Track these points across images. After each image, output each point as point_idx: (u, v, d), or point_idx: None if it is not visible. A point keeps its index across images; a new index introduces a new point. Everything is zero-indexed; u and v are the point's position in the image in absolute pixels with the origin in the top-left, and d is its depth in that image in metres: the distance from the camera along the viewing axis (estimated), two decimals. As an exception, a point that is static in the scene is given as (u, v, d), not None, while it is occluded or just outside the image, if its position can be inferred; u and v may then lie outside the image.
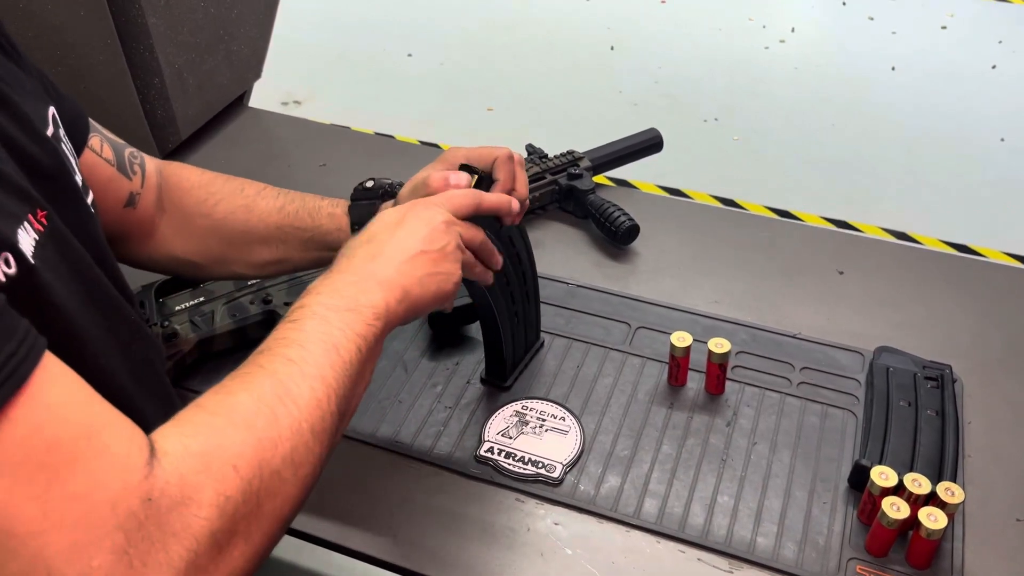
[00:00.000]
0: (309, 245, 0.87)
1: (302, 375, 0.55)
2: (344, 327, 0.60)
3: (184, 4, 1.25)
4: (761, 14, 3.55)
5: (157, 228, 0.87)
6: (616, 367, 0.98)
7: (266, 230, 0.87)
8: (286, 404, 0.53)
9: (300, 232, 0.87)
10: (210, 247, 0.88)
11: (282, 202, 0.88)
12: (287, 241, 0.87)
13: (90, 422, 0.45)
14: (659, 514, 0.83)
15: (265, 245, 0.88)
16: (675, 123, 2.83)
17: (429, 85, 3.11)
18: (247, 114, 1.47)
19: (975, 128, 2.86)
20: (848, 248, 1.16)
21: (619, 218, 1.14)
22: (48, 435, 0.42)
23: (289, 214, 0.87)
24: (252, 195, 0.88)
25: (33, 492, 0.41)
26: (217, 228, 0.87)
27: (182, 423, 0.50)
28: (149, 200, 0.85)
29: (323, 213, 0.88)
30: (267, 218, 0.87)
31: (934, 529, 0.74)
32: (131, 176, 0.83)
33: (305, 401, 0.54)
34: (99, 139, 0.80)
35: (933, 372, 0.93)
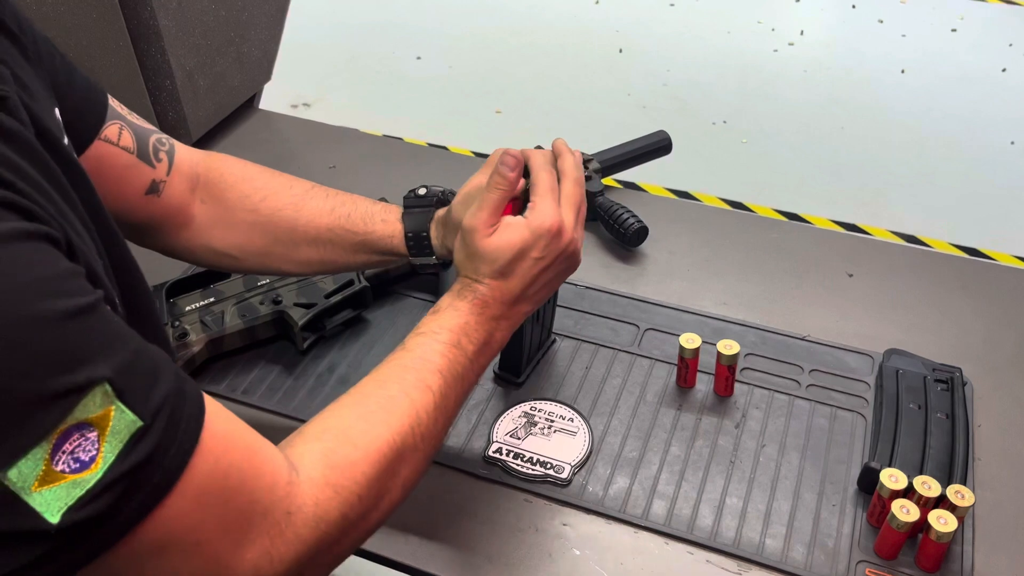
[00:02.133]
0: (359, 248, 0.86)
1: (435, 406, 0.66)
2: (474, 361, 0.71)
3: (195, 7, 1.26)
4: (770, 17, 3.54)
5: (192, 218, 0.84)
6: (625, 368, 0.98)
7: (315, 231, 0.85)
8: (415, 435, 0.63)
9: (351, 235, 0.85)
10: (253, 242, 0.86)
11: (333, 204, 0.86)
12: (336, 243, 0.85)
13: (247, 445, 0.53)
14: (667, 515, 0.83)
15: (312, 245, 0.86)
16: (684, 126, 2.83)
17: (438, 88, 3.12)
18: (257, 116, 1.48)
19: (985, 131, 2.85)
20: (858, 250, 1.16)
21: (628, 220, 1.14)
22: (224, 463, 0.50)
23: (340, 216, 0.85)
24: (300, 193, 0.86)
25: (215, 512, 0.50)
26: (262, 224, 0.85)
27: (325, 449, 0.59)
28: (179, 189, 0.83)
29: (376, 219, 0.86)
30: (317, 219, 0.85)
31: (944, 532, 0.74)
32: (155, 164, 0.80)
33: (428, 431, 0.64)
34: (118, 127, 0.77)
35: (943, 375, 0.93)
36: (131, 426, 0.44)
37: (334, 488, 0.57)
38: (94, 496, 0.43)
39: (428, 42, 3.38)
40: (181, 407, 0.48)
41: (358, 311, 1.04)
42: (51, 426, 0.41)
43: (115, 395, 0.44)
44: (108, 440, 0.43)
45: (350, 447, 0.59)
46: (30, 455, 0.41)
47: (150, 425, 0.45)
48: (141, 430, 0.44)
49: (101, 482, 0.43)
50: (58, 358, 0.42)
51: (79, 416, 0.42)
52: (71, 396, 0.42)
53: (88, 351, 0.43)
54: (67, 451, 0.42)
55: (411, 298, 1.08)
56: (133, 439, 0.44)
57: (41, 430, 0.41)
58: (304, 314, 0.99)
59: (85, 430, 0.42)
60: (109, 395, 0.43)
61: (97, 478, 0.43)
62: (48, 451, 0.41)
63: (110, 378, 0.43)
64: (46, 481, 0.41)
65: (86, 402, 0.42)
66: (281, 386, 0.97)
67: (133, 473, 0.44)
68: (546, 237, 0.72)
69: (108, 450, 0.43)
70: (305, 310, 0.99)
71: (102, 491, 0.43)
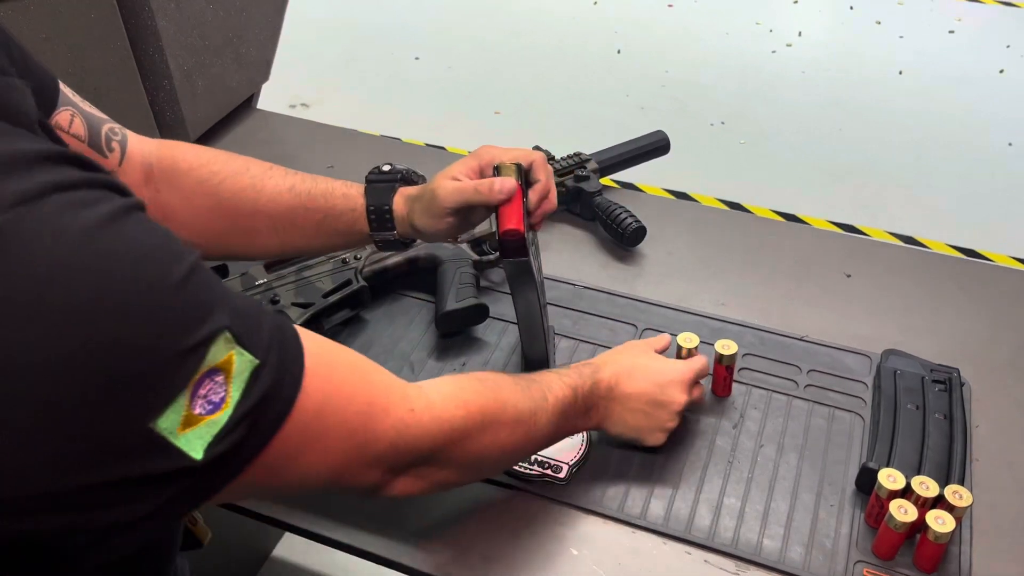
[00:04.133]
0: (320, 228, 0.85)
1: (538, 409, 0.74)
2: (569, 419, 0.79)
3: (194, 7, 1.26)
4: (768, 18, 3.55)
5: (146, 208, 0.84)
6: (623, 369, 0.98)
7: (276, 210, 0.84)
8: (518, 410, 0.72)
9: (312, 213, 0.84)
10: (212, 227, 0.84)
11: (292, 182, 0.85)
12: (297, 223, 0.85)
13: (349, 361, 0.60)
14: (665, 515, 0.83)
15: (273, 226, 0.85)
16: (682, 126, 2.83)
17: (436, 88, 3.12)
18: (255, 116, 1.47)
19: (983, 132, 2.86)
20: (856, 251, 1.16)
21: (626, 220, 1.14)
22: (334, 378, 0.56)
23: (300, 194, 0.84)
24: (259, 174, 0.85)
25: (336, 419, 0.56)
26: (221, 208, 0.83)
27: (452, 381, 0.69)
28: (131, 179, 0.80)
29: (337, 195, 0.85)
30: (277, 198, 0.84)
31: (942, 532, 0.74)
32: (107, 153, 0.79)
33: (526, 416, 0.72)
34: (69, 114, 0.75)
35: (941, 375, 0.93)
36: (250, 365, 0.48)
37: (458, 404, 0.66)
38: (228, 431, 0.47)
39: (426, 43, 3.38)
40: (285, 340, 0.52)
41: (356, 311, 1.04)
42: (188, 376, 0.45)
43: (235, 339, 0.48)
44: (234, 380, 0.48)
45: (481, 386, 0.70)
46: (174, 404, 0.45)
47: (264, 361, 0.49)
48: (258, 368, 0.49)
49: (232, 418, 0.47)
50: (186, 315, 0.46)
51: (209, 363, 0.46)
52: (200, 348, 0.46)
53: (208, 305, 0.47)
54: (202, 395, 0.46)
55: (409, 298, 1.08)
56: (253, 376, 0.49)
57: (181, 382, 0.45)
58: (302, 314, 0.99)
59: (215, 375, 0.47)
60: (230, 340, 0.47)
61: (228, 415, 0.47)
62: (188, 398, 0.45)
63: (229, 326, 0.47)
64: (188, 424, 0.45)
65: (214, 350, 0.46)
66: (279, 386, 0.97)
67: (257, 406, 0.49)
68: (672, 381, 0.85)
69: (234, 390, 0.48)
70: (303, 310, 0.99)
71: (234, 426, 0.47)
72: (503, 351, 1.00)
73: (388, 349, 1.01)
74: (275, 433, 0.51)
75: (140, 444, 0.44)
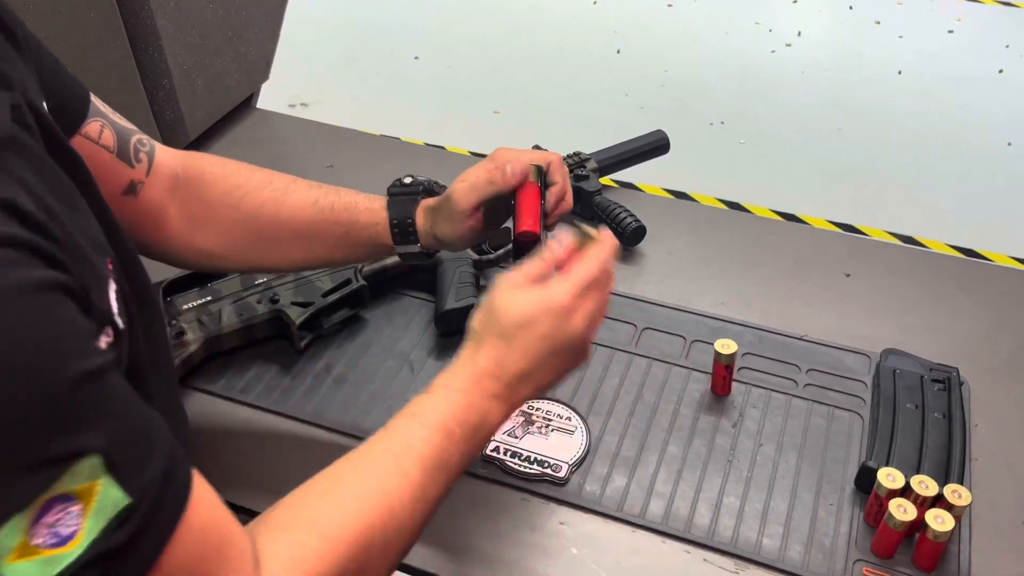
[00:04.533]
0: (343, 241, 0.85)
1: (411, 497, 0.60)
2: (461, 443, 0.64)
3: (193, 6, 1.26)
4: (768, 18, 3.55)
5: (169, 220, 0.84)
6: (622, 368, 0.98)
7: (299, 223, 0.84)
8: (386, 529, 0.58)
9: (335, 227, 0.84)
10: (236, 239, 0.85)
11: (315, 195, 0.85)
12: (320, 236, 0.85)
13: (220, 538, 0.50)
14: (665, 514, 0.83)
15: (296, 238, 0.85)
16: (681, 126, 2.83)
17: (436, 88, 3.12)
18: (255, 115, 1.47)
19: (982, 132, 2.86)
20: (855, 251, 1.16)
21: (625, 219, 1.14)
22: (195, 554, 0.47)
23: (323, 208, 0.84)
24: (282, 187, 0.85)
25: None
26: (245, 221, 0.84)
27: (292, 541, 0.55)
28: (157, 189, 0.82)
29: (360, 208, 0.85)
30: (300, 211, 0.84)
31: (941, 531, 0.74)
32: (134, 164, 0.80)
33: (404, 523, 0.59)
34: (99, 124, 0.77)
35: (940, 375, 0.93)
36: (117, 504, 0.42)
37: None
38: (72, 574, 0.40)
39: (426, 42, 3.38)
40: (167, 489, 0.45)
41: (355, 310, 1.04)
42: (35, 494, 0.39)
43: (106, 468, 0.41)
44: (92, 516, 0.41)
45: (316, 538, 0.55)
46: (11, 523, 0.38)
47: (137, 505, 0.43)
48: (128, 509, 0.42)
49: (79, 561, 0.40)
50: (56, 422, 0.40)
51: (65, 487, 0.40)
52: (59, 465, 0.40)
53: (86, 419, 0.41)
54: (47, 523, 0.39)
55: (408, 297, 1.08)
56: (118, 518, 0.42)
57: (25, 497, 0.39)
58: (301, 313, 0.99)
59: (68, 503, 0.40)
60: (99, 468, 0.41)
61: (75, 556, 0.40)
62: (29, 521, 0.39)
63: (103, 450, 0.41)
64: (24, 554, 0.39)
65: (74, 472, 0.40)
66: (278, 385, 0.97)
67: (111, 556, 0.41)
68: (554, 316, 0.67)
69: (90, 527, 0.40)
70: (302, 309, 0.99)
71: (80, 570, 0.40)
72: (503, 350, 1.00)
73: (387, 348, 1.01)
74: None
75: None
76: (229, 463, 0.89)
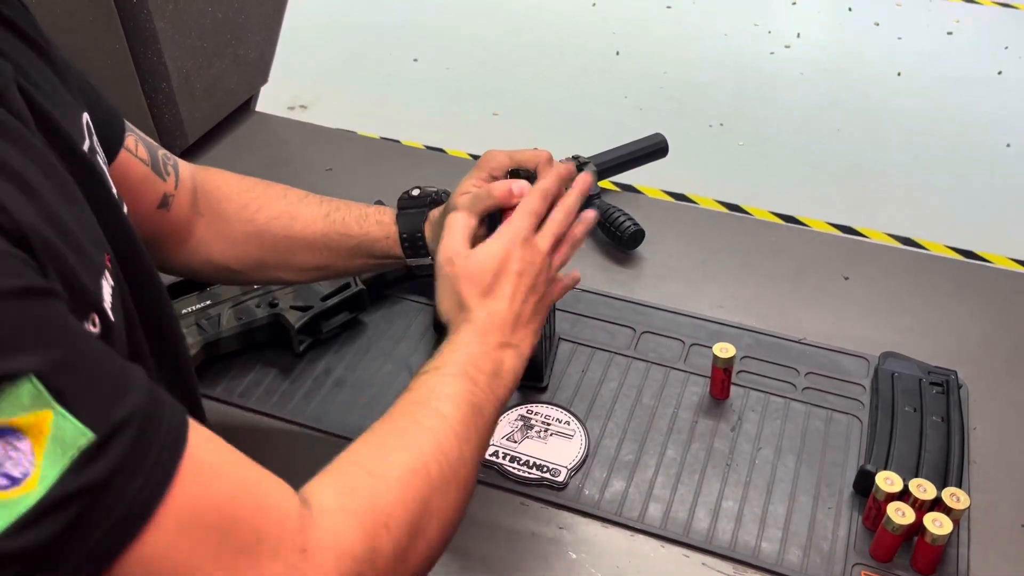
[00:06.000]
0: (355, 253, 0.86)
1: (454, 434, 0.60)
2: (488, 392, 0.65)
3: (192, 8, 1.26)
4: (767, 19, 3.55)
5: (193, 233, 0.85)
6: (621, 371, 0.98)
7: (311, 237, 0.85)
8: (439, 463, 0.58)
9: (347, 239, 0.86)
10: (250, 253, 0.86)
11: (327, 209, 0.86)
12: (332, 248, 0.86)
13: (243, 477, 0.48)
14: (663, 518, 0.83)
15: (309, 252, 0.86)
16: (681, 128, 2.83)
17: (435, 90, 3.12)
18: (254, 118, 1.47)
19: (981, 134, 2.86)
20: (854, 253, 1.16)
21: (624, 223, 1.14)
22: (213, 496, 0.45)
23: (335, 221, 0.86)
24: (295, 201, 0.87)
25: (208, 550, 0.43)
26: (259, 234, 0.85)
27: (339, 480, 0.54)
28: (183, 203, 0.83)
29: (371, 221, 0.86)
30: (312, 225, 0.85)
31: (939, 535, 0.74)
32: (165, 177, 0.81)
33: (454, 459, 0.59)
34: (134, 138, 0.78)
35: (939, 378, 0.93)
36: (77, 439, 0.38)
37: (355, 516, 0.51)
38: (31, 522, 0.36)
39: (425, 44, 3.38)
40: (153, 430, 0.42)
41: (355, 314, 1.04)
42: None
43: (51, 395, 0.37)
44: (47, 453, 0.37)
45: (366, 475, 0.54)
46: None
47: (106, 442, 0.39)
48: (93, 446, 0.38)
49: (42, 503, 0.36)
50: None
51: (4, 417, 0.36)
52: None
53: (17, 338, 0.37)
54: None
55: (407, 301, 1.08)
56: (83, 456, 0.38)
57: None
58: (300, 317, 0.99)
59: (13, 437, 0.36)
60: (42, 396, 0.37)
61: (36, 499, 0.36)
62: None
63: (39, 372, 0.37)
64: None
65: (9, 399, 0.36)
66: (278, 389, 0.97)
67: (87, 498, 0.38)
68: (519, 248, 0.70)
69: (47, 465, 0.37)
70: (301, 313, 0.99)
71: (43, 515, 0.37)
72: (501, 354, 1.00)
73: (386, 352, 1.01)
74: (117, 552, 0.39)
75: None
76: (228, 467, 0.89)
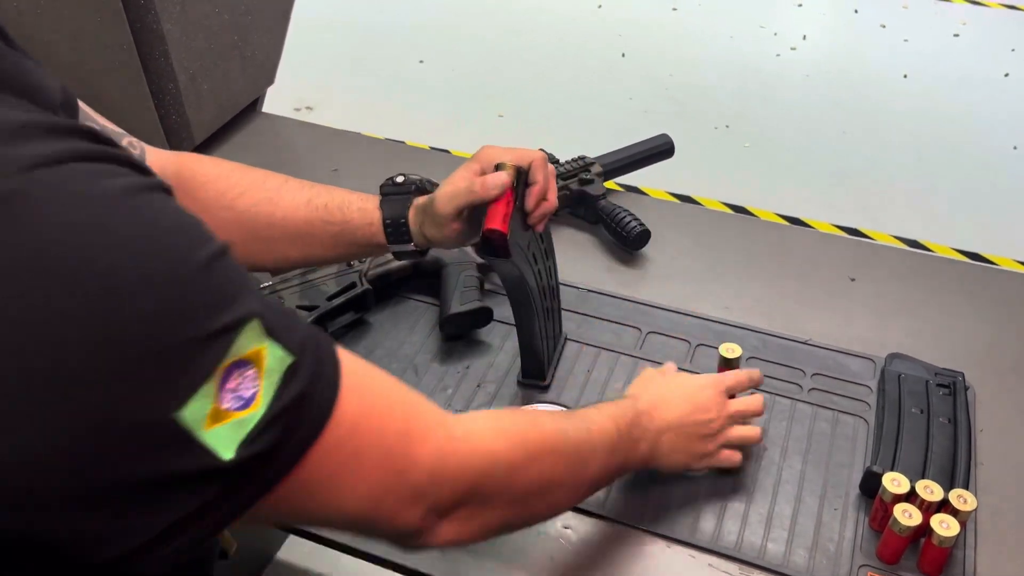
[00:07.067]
0: (338, 240, 0.86)
1: (585, 442, 0.69)
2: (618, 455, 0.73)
3: (199, 10, 1.26)
4: (772, 21, 3.54)
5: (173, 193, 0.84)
6: (627, 372, 0.98)
7: (293, 223, 0.85)
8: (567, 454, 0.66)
9: (329, 226, 0.85)
10: (230, 239, 0.85)
11: (308, 195, 0.86)
12: (315, 235, 0.85)
13: (385, 378, 0.55)
14: (669, 519, 0.83)
15: (291, 238, 0.85)
16: (686, 130, 2.82)
17: (440, 91, 3.12)
18: (260, 119, 1.48)
19: (987, 136, 2.85)
20: (860, 255, 1.16)
21: (630, 223, 1.14)
22: (371, 392, 0.52)
23: (317, 207, 0.85)
24: (275, 187, 0.86)
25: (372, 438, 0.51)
26: (239, 220, 0.84)
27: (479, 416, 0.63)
28: None
29: (353, 208, 0.86)
30: (294, 211, 0.85)
31: (946, 537, 0.74)
32: None
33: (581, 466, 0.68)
34: None
35: (945, 379, 0.93)
36: (283, 361, 0.45)
37: (502, 433, 0.61)
38: (260, 432, 0.43)
39: (430, 46, 3.38)
40: (321, 345, 0.49)
41: (360, 314, 1.04)
42: (214, 364, 0.42)
43: (266, 332, 0.44)
44: (266, 376, 0.44)
45: (523, 419, 0.65)
46: (199, 393, 0.41)
47: (300, 361, 0.46)
48: (293, 365, 0.45)
49: (265, 417, 0.44)
50: (212, 299, 0.43)
51: (238, 353, 0.43)
52: (228, 334, 0.43)
53: (235, 290, 0.44)
54: (231, 389, 0.43)
55: (413, 301, 1.08)
56: (287, 375, 0.45)
57: (206, 369, 0.42)
58: (306, 317, 0.99)
59: (244, 368, 0.43)
60: (261, 332, 0.44)
61: (261, 414, 0.43)
62: (215, 389, 0.42)
63: (261, 313, 0.44)
64: (216, 419, 0.42)
65: (242, 339, 0.43)
66: (283, 389, 0.97)
67: (292, 408, 0.45)
68: (707, 395, 0.82)
69: (267, 386, 0.44)
70: (307, 312, 0.99)
71: (267, 426, 0.44)
72: (507, 354, 1.00)
73: (392, 352, 1.01)
74: (311, 444, 0.47)
75: (163, 437, 0.40)
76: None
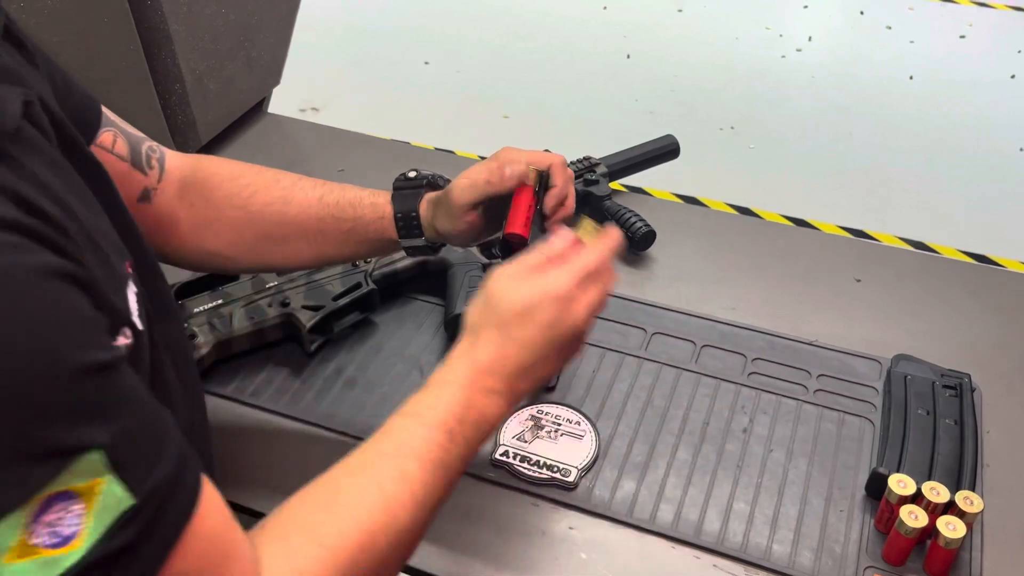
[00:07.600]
0: (350, 237, 0.86)
1: (412, 499, 0.58)
2: (463, 445, 0.62)
3: (205, 11, 1.27)
4: (778, 23, 3.54)
5: (180, 223, 0.85)
6: (632, 372, 0.98)
7: (306, 222, 0.85)
8: (388, 535, 0.56)
9: (341, 223, 0.85)
10: (244, 239, 0.86)
11: (321, 192, 0.85)
12: (327, 233, 0.85)
13: (225, 551, 0.48)
14: (674, 520, 0.83)
15: (304, 237, 0.85)
16: (691, 131, 2.82)
17: (445, 92, 3.12)
18: (266, 120, 1.48)
19: (993, 138, 2.85)
20: (866, 256, 1.16)
21: (635, 224, 1.14)
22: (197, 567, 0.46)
23: (329, 204, 0.85)
24: (288, 186, 0.86)
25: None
26: (253, 220, 0.85)
27: (291, 552, 0.53)
28: (168, 194, 0.83)
29: (365, 203, 0.86)
30: (306, 209, 0.85)
31: (952, 538, 0.74)
32: (147, 171, 0.81)
33: (405, 528, 0.57)
34: (112, 134, 0.78)
35: (951, 381, 0.93)
36: (120, 504, 0.40)
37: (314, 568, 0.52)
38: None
39: (436, 47, 3.39)
40: (175, 494, 0.44)
41: (366, 314, 1.04)
42: (33, 491, 0.37)
43: (110, 466, 0.39)
44: (96, 516, 0.39)
45: (316, 547, 0.54)
46: (9, 519, 0.36)
47: (141, 507, 0.41)
48: (132, 511, 0.40)
49: (81, 563, 0.38)
50: (59, 411, 0.38)
51: (66, 483, 0.38)
52: (61, 459, 0.38)
53: (92, 412, 0.39)
54: (47, 522, 0.37)
55: (419, 301, 1.08)
56: (122, 519, 0.40)
57: (24, 492, 0.37)
58: (312, 316, 0.99)
59: (70, 501, 0.38)
60: (102, 465, 0.39)
61: (78, 558, 0.38)
62: (27, 519, 0.37)
63: (107, 445, 0.39)
64: (22, 554, 0.37)
65: (76, 467, 0.38)
66: (289, 388, 0.97)
67: (114, 559, 0.40)
68: (555, 304, 0.64)
69: (93, 528, 0.39)
70: (313, 312, 1.00)
71: (82, 573, 0.38)
72: (512, 354, 1.00)
73: (397, 352, 1.01)
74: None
75: None
76: (240, 466, 0.89)
